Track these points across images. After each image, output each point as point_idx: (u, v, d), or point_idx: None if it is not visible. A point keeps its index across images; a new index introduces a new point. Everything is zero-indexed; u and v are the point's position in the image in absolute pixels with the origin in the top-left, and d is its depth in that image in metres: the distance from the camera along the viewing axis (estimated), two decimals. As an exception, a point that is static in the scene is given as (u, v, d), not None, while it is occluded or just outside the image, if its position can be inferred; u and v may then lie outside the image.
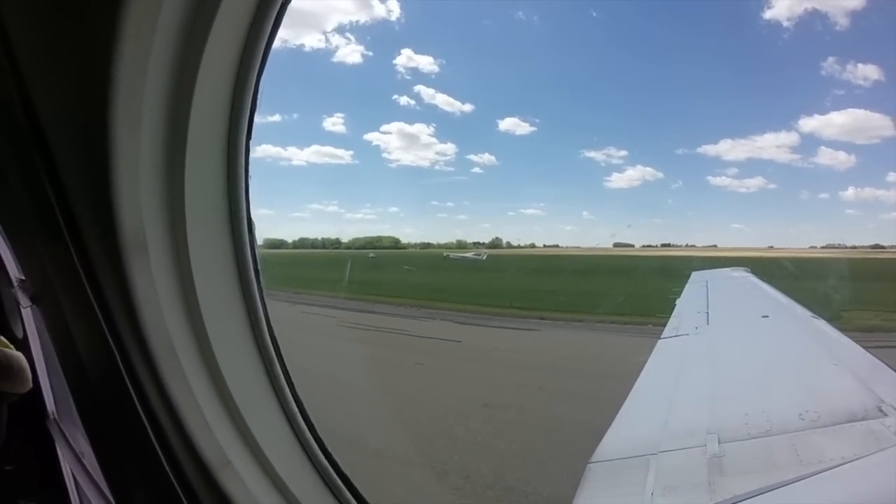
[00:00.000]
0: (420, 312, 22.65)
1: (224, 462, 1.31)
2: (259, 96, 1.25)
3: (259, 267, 1.36)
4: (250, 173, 1.31)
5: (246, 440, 1.36)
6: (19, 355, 2.13)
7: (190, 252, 1.23)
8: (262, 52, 1.21)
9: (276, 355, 1.41)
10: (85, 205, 1.21)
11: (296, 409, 1.45)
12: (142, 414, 1.29)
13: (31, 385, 2.16)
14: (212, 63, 1.15)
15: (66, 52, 1.14)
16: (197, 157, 1.20)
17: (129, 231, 1.15)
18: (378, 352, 16.12)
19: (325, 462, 1.48)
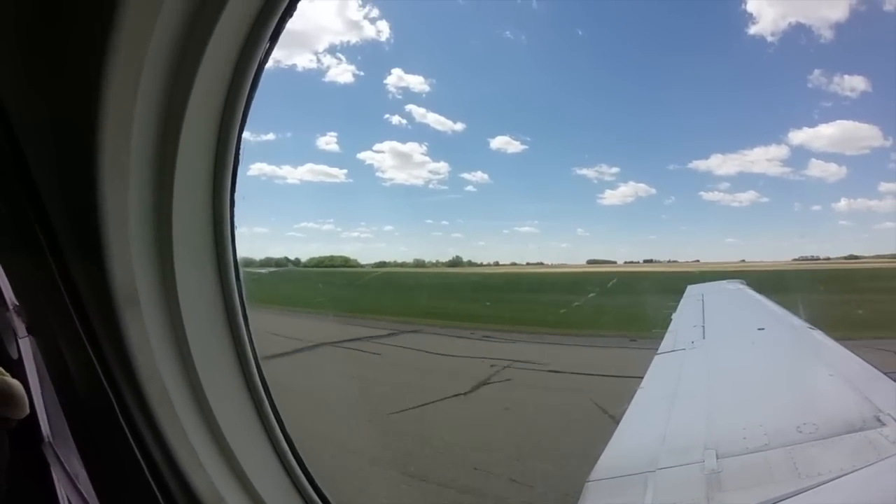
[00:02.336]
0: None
1: (217, 499, 1.35)
2: (241, 150, 1.31)
3: (248, 312, 1.42)
4: (236, 223, 1.37)
5: (238, 477, 1.40)
6: (17, 383, 2.17)
7: (180, 303, 1.27)
8: (242, 109, 1.27)
9: (266, 395, 1.46)
10: (76, 257, 1.26)
11: (286, 446, 1.50)
12: (137, 454, 1.32)
13: (28, 411, 2.19)
14: (195, 119, 1.20)
15: (51, 107, 1.18)
16: (184, 211, 1.25)
17: (120, 285, 1.20)
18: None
19: (315, 497, 1.52)
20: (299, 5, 1.23)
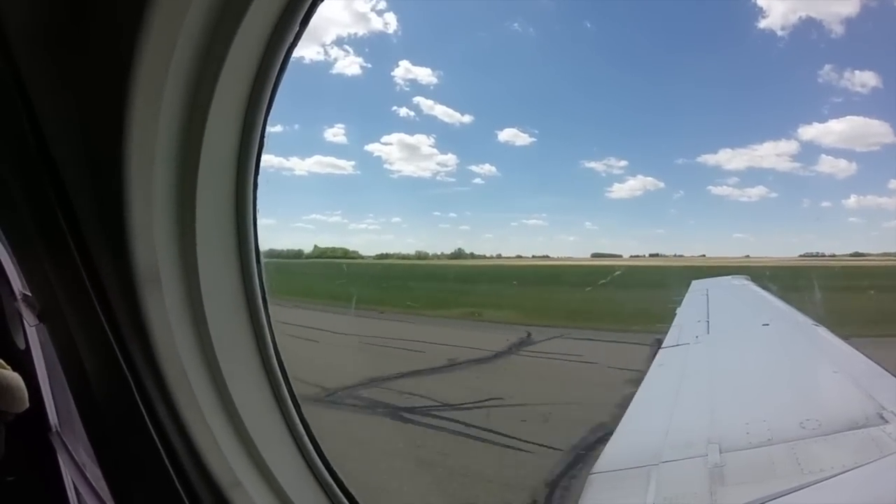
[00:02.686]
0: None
1: (234, 482, 1.36)
2: (266, 135, 1.31)
3: (267, 296, 1.42)
4: (258, 207, 1.36)
5: (255, 461, 1.41)
6: (16, 375, 2.16)
7: (201, 285, 1.28)
8: (269, 94, 1.26)
9: (284, 379, 1.47)
10: (99, 240, 1.26)
11: (302, 430, 1.50)
12: (154, 436, 1.33)
13: (27, 405, 2.18)
14: (222, 103, 1.20)
15: (78, 89, 1.19)
16: (207, 194, 1.25)
17: (143, 266, 1.21)
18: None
19: (331, 480, 1.53)
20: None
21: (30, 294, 2.07)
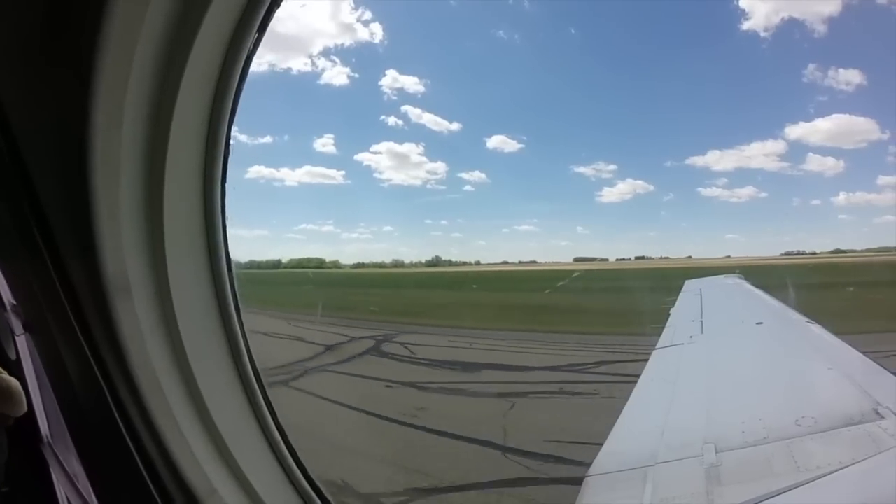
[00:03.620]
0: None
1: (210, 491, 1.36)
2: (231, 142, 1.33)
3: (239, 302, 1.43)
4: (227, 214, 1.38)
5: (231, 469, 1.41)
6: (14, 381, 2.18)
7: (172, 292, 1.29)
8: (232, 101, 1.28)
9: (259, 386, 1.47)
10: (70, 249, 1.27)
11: (278, 437, 1.50)
12: (131, 446, 1.33)
13: (25, 409, 2.20)
14: (185, 112, 1.21)
15: (45, 103, 1.21)
16: (175, 203, 1.27)
17: (112, 274, 1.22)
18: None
19: (308, 487, 1.53)
20: (292, 10, 1.24)
21: (16, 304, 2.05)
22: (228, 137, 1.31)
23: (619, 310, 18.47)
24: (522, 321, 20.21)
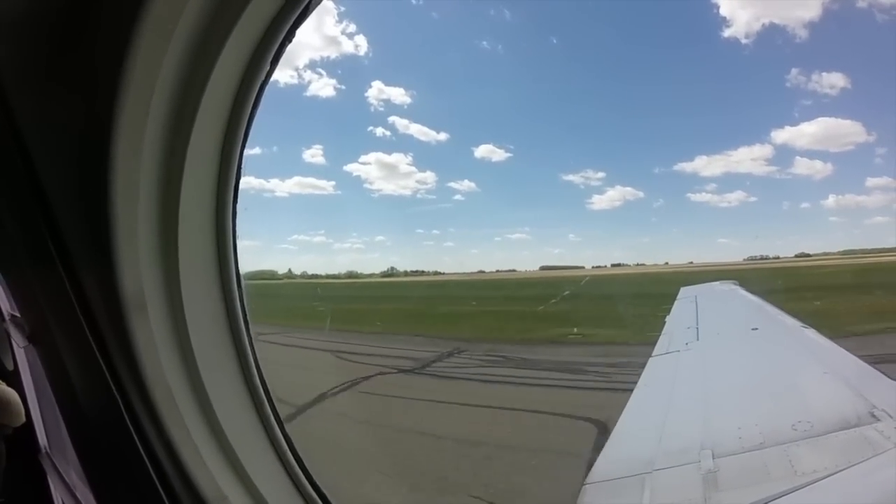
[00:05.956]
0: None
1: (220, 497, 1.41)
2: (243, 164, 1.40)
3: (248, 317, 1.49)
4: (238, 233, 1.45)
5: (240, 476, 1.46)
6: (12, 391, 2.19)
7: (185, 309, 1.34)
8: (245, 127, 1.36)
9: (266, 397, 1.53)
10: (87, 267, 1.33)
11: (285, 446, 1.55)
12: (143, 454, 1.38)
13: (24, 419, 2.20)
14: (202, 135, 1.28)
15: (65, 119, 1.27)
16: (189, 222, 1.33)
17: (129, 292, 1.27)
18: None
19: (314, 494, 1.58)
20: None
21: (18, 315, 2.07)
22: (241, 161, 1.38)
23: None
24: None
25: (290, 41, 1.31)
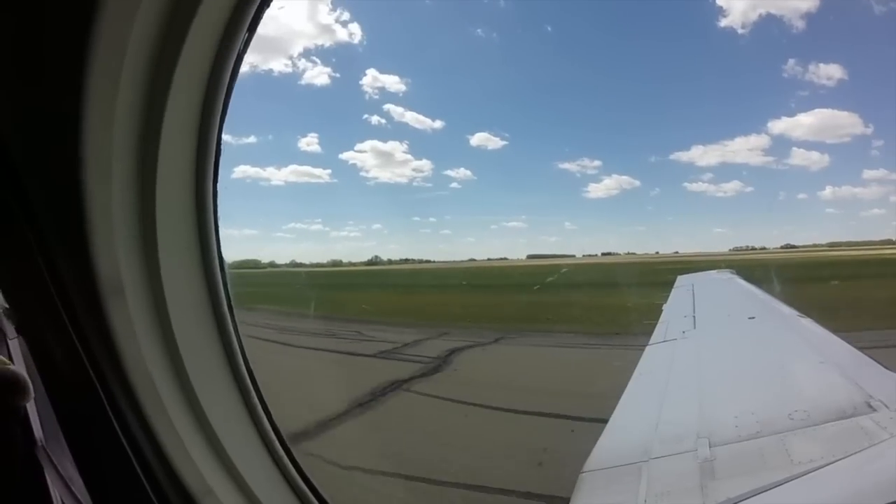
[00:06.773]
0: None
1: (206, 490, 1.37)
2: (222, 144, 1.34)
3: (232, 302, 1.44)
4: (219, 214, 1.39)
5: (226, 468, 1.42)
6: (16, 369, 2.16)
7: (165, 293, 1.29)
8: (223, 100, 1.29)
9: (253, 385, 1.48)
10: (63, 252, 1.28)
11: (273, 436, 1.51)
12: (126, 446, 1.34)
13: (32, 397, 2.18)
14: (177, 111, 1.22)
15: (36, 99, 1.21)
16: (167, 202, 1.27)
17: (105, 276, 1.23)
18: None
19: (304, 486, 1.54)
20: (271, 11, 1.27)
21: (8, 307, 2.04)
22: (220, 136, 1.32)
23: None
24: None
25: (268, 5, 1.23)
